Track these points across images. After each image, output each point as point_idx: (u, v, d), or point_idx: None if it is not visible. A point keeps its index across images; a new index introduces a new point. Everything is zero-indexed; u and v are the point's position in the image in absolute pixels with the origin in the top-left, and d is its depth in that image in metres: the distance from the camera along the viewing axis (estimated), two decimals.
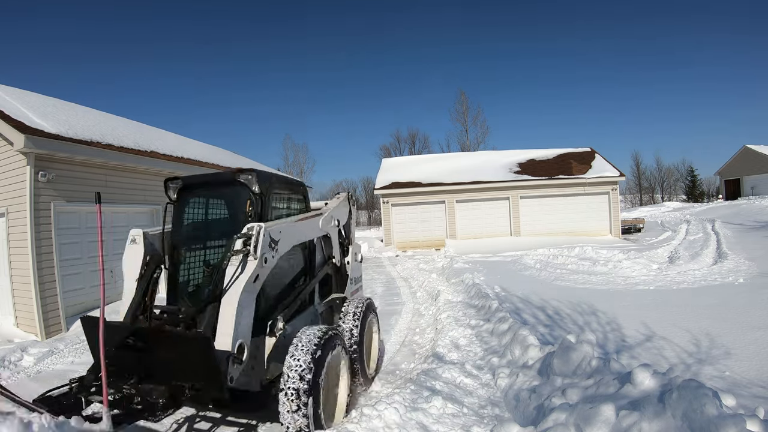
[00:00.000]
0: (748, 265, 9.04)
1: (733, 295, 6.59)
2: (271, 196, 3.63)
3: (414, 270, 12.37)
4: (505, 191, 18.67)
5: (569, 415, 2.60)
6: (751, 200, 25.63)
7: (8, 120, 6.35)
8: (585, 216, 18.40)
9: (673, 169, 55.86)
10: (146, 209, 8.95)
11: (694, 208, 30.36)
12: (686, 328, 5.09)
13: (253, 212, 3.44)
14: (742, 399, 3.01)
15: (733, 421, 1.97)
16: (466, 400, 3.68)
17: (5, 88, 8.40)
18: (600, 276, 9.24)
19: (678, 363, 4.10)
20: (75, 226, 7.30)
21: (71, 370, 4.94)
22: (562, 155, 21.31)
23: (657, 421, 2.20)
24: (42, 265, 6.39)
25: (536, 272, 10.25)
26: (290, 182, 4.28)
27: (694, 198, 47.44)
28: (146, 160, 8.64)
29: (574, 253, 12.48)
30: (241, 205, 3.54)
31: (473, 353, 4.88)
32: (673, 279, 8.41)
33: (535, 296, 7.25)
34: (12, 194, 6.52)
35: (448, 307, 7.05)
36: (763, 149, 32.45)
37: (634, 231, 20.27)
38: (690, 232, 16.60)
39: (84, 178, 7.34)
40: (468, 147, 41.24)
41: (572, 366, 3.45)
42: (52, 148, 6.57)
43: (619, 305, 6.42)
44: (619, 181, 18.61)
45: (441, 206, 19.03)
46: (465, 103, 42.91)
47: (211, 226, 3.91)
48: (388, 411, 3.21)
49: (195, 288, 3.60)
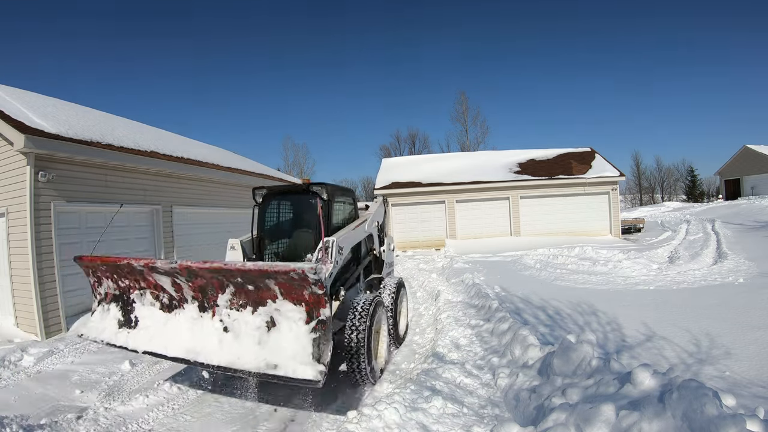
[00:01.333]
0: (748, 265, 9.04)
1: (733, 295, 6.59)
2: (334, 202, 4.90)
3: (414, 270, 12.38)
4: (505, 191, 18.67)
5: (569, 415, 2.60)
6: (751, 200, 25.64)
7: (8, 120, 6.34)
8: (585, 216, 18.39)
9: (673, 169, 55.94)
10: (146, 209, 8.95)
11: (694, 208, 30.38)
12: (686, 328, 5.09)
13: (322, 213, 4.26)
14: (742, 399, 3.01)
15: (733, 421, 1.97)
16: (466, 399, 3.69)
17: (5, 88, 8.40)
18: (600, 276, 9.24)
19: (678, 363, 4.10)
20: (75, 226, 7.30)
21: (71, 370, 4.95)
22: (562, 155, 21.30)
23: (657, 421, 2.20)
24: (42, 265, 6.38)
25: (536, 272, 10.25)
26: (345, 190, 5.58)
27: (694, 198, 47.45)
28: (146, 160, 8.63)
29: (574, 253, 12.48)
30: (313, 209, 4.77)
31: (473, 353, 4.88)
32: (673, 279, 8.41)
33: (535, 296, 7.25)
34: (12, 194, 6.52)
35: (448, 307, 7.05)
36: (763, 149, 32.44)
37: (634, 231, 20.27)
38: (690, 232, 16.61)
39: (84, 178, 7.34)
40: (468, 147, 41.29)
41: (572, 366, 3.45)
42: (52, 148, 6.56)
43: (619, 305, 6.42)
44: (619, 181, 18.60)
45: (441, 206, 19.02)
46: (465, 103, 42.96)
47: (290, 224, 5.18)
48: (388, 411, 3.21)
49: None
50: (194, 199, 10.48)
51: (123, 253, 8.25)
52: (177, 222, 9.79)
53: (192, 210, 10.48)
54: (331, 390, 4.10)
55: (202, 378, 4.29)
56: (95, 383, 4.54)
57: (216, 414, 3.77)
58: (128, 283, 3.78)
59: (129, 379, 4.67)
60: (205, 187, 10.97)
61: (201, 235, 10.93)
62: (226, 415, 3.71)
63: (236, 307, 3.28)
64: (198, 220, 10.82)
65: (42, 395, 4.25)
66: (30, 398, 4.19)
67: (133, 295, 3.82)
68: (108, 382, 4.56)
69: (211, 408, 3.85)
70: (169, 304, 3.61)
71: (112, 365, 5.06)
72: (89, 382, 4.60)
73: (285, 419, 3.62)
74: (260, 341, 3.10)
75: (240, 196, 12.60)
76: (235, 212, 12.45)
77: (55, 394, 4.26)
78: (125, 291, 3.89)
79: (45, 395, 4.25)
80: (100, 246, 7.80)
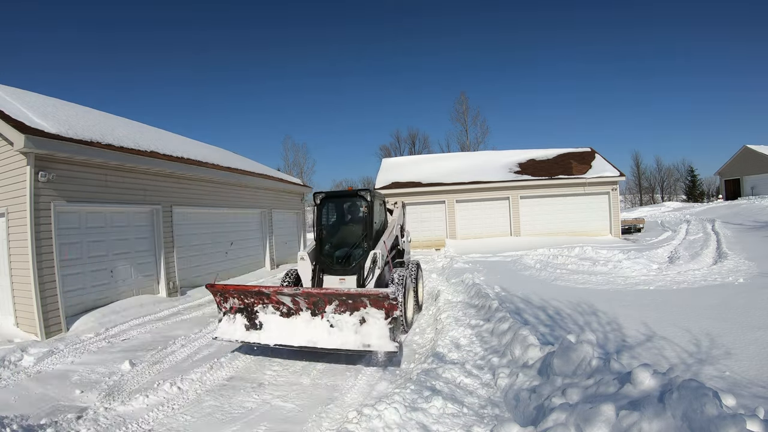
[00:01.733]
0: (748, 265, 9.04)
1: (733, 295, 6.59)
2: (374, 204, 6.46)
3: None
4: (505, 191, 18.67)
5: (569, 415, 2.60)
6: (751, 200, 25.65)
7: (8, 120, 6.34)
8: (585, 216, 18.39)
9: (673, 169, 55.94)
10: (146, 209, 8.95)
11: (694, 208, 30.39)
12: (686, 328, 5.09)
13: (366, 213, 6.41)
14: (742, 399, 3.01)
15: (733, 420, 1.97)
16: (466, 399, 3.69)
17: (5, 88, 8.39)
18: (600, 276, 9.24)
19: (678, 363, 4.10)
20: (75, 226, 7.30)
21: (71, 370, 4.95)
22: (562, 155, 21.30)
23: (657, 421, 2.20)
24: (42, 265, 6.38)
25: (536, 272, 10.25)
26: (381, 195, 7.23)
27: (694, 198, 47.44)
28: (146, 160, 8.63)
29: (574, 253, 12.48)
30: (360, 208, 6.64)
31: (473, 353, 4.88)
32: (673, 279, 8.41)
33: (536, 296, 7.25)
34: (12, 194, 6.52)
35: (449, 307, 7.05)
36: (763, 149, 32.45)
37: (634, 231, 20.27)
38: (690, 232, 16.61)
39: (84, 178, 7.34)
40: (468, 147, 41.30)
41: (572, 366, 3.45)
42: (52, 148, 6.56)
43: (619, 305, 6.42)
44: (619, 181, 18.60)
45: (441, 206, 19.03)
46: (465, 103, 43.01)
47: (342, 219, 6.91)
48: (388, 411, 3.21)
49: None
50: (194, 199, 10.48)
51: (123, 252, 8.32)
52: (177, 222, 9.79)
53: (192, 210, 10.48)
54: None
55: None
56: (95, 383, 4.54)
57: (217, 414, 3.78)
58: (253, 300, 5.19)
59: (129, 379, 4.67)
60: (205, 187, 10.97)
61: (201, 235, 10.93)
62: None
63: (339, 312, 4.84)
64: (198, 220, 10.82)
65: (42, 395, 4.25)
66: (30, 398, 4.19)
67: (257, 307, 5.22)
68: (108, 382, 4.56)
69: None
70: (288, 312, 5.09)
71: (112, 365, 5.07)
72: (89, 382, 4.60)
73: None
74: (356, 331, 4.75)
75: (240, 196, 12.60)
76: (236, 212, 12.45)
77: (55, 394, 4.27)
78: (250, 305, 5.25)
79: (45, 395, 4.25)
80: (100, 246, 7.82)
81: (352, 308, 4.75)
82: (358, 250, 6.29)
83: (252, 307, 5.21)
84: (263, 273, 13.15)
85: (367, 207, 6.34)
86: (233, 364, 5.00)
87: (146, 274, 8.89)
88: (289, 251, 16.11)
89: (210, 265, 11.18)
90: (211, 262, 11.23)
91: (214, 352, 5.54)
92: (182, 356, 5.43)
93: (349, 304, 4.75)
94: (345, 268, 6.17)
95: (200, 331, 6.55)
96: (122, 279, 8.30)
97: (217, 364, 4.95)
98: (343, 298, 4.72)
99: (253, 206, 13.35)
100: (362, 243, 6.30)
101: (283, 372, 4.78)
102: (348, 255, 6.30)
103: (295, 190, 16.89)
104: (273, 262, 14.23)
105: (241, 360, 5.15)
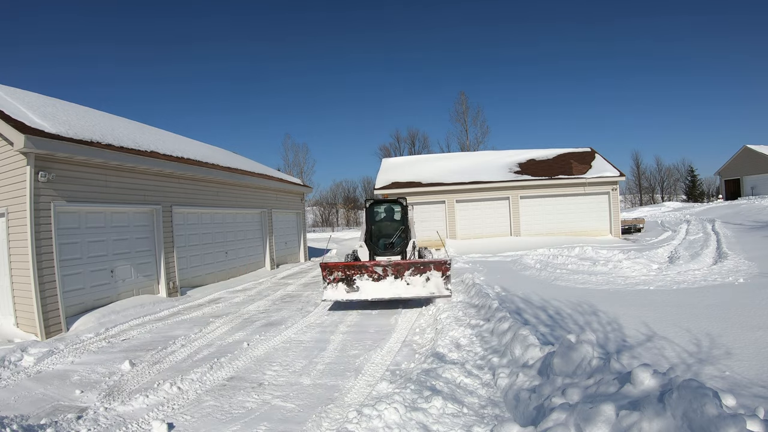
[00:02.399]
0: (748, 265, 9.04)
1: (733, 295, 6.58)
2: (407, 207, 9.18)
3: None
4: (505, 191, 18.68)
5: (569, 415, 2.60)
6: (751, 200, 25.65)
7: (8, 120, 6.34)
8: (585, 216, 18.40)
9: (673, 169, 55.98)
10: (146, 209, 8.95)
11: (694, 208, 30.39)
12: (686, 328, 5.09)
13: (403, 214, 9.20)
14: (743, 399, 3.01)
15: (733, 420, 1.97)
16: (466, 399, 3.68)
17: (5, 88, 8.39)
18: (600, 276, 9.24)
19: (678, 363, 4.10)
20: (75, 226, 7.30)
21: (71, 370, 4.95)
22: (562, 155, 21.30)
23: (657, 420, 2.20)
24: (42, 265, 6.38)
25: (536, 272, 10.25)
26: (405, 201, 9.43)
27: (694, 198, 47.44)
28: (146, 160, 8.64)
29: (574, 253, 12.48)
30: (398, 211, 9.35)
31: (474, 353, 4.87)
32: (673, 279, 8.41)
33: (536, 296, 7.25)
34: (12, 194, 6.52)
35: (449, 306, 7.04)
36: (763, 149, 32.46)
37: (634, 231, 20.27)
38: (690, 232, 16.61)
39: (84, 178, 7.34)
40: (468, 147, 41.32)
41: (572, 366, 3.44)
42: (52, 148, 6.56)
43: (619, 305, 6.42)
44: (619, 181, 18.60)
45: (441, 206, 19.03)
46: (465, 103, 43.04)
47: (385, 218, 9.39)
48: (388, 411, 3.21)
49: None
50: (194, 199, 10.48)
51: (123, 252, 8.35)
52: (177, 222, 9.79)
53: (192, 210, 10.48)
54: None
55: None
56: (95, 383, 4.54)
57: (216, 414, 3.78)
58: (353, 272, 7.27)
59: (129, 379, 4.67)
60: (205, 187, 10.97)
61: (201, 235, 10.93)
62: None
63: (413, 275, 7.15)
64: (198, 220, 10.83)
65: (42, 395, 4.25)
66: (30, 398, 4.19)
67: (354, 276, 7.26)
68: (108, 382, 4.55)
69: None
70: (377, 278, 7.24)
71: (112, 365, 5.07)
72: (89, 382, 4.60)
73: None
74: (424, 285, 7.16)
75: (240, 196, 12.59)
76: (236, 212, 12.45)
77: (55, 394, 4.26)
78: (350, 275, 7.27)
79: (45, 395, 4.25)
80: (100, 246, 7.82)
81: (422, 272, 7.12)
82: (398, 239, 8.90)
83: (351, 277, 7.26)
84: (263, 273, 13.14)
85: (402, 209, 9.20)
86: (233, 364, 5.00)
87: (146, 274, 8.90)
88: (289, 251, 16.11)
89: (210, 265, 11.18)
90: (211, 262, 11.24)
91: (214, 352, 5.54)
92: (182, 356, 5.43)
93: (420, 269, 7.13)
94: (391, 251, 8.65)
95: (200, 330, 6.55)
96: (122, 279, 8.31)
97: (217, 364, 4.96)
98: (418, 265, 7.14)
99: (253, 206, 13.35)
100: (401, 234, 8.93)
101: (283, 372, 4.78)
102: (392, 243, 8.84)
103: (295, 190, 16.90)
104: (273, 262, 14.23)
105: (241, 360, 5.15)
